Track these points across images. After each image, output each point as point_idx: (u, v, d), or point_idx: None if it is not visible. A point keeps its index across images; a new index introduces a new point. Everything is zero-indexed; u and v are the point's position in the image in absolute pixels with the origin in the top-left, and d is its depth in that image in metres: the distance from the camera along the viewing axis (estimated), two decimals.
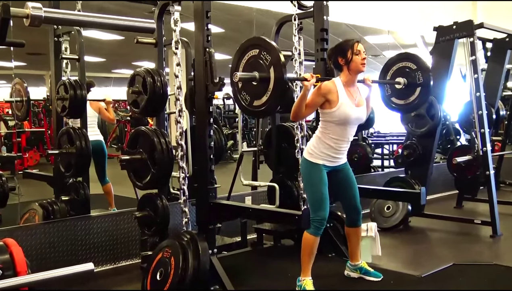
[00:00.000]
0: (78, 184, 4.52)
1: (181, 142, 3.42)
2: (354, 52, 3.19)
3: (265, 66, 2.96)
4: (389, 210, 5.20)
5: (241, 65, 3.11)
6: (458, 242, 4.85)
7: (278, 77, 2.91)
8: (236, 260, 4.01)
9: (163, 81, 3.55)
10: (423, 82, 3.99)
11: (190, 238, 3.16)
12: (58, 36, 4.63)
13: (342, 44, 3.27)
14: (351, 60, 3.19)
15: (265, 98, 2.99)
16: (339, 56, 3.23)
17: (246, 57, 3.09)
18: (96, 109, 5.54)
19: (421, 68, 4.01)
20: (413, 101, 4.07)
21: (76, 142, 4.28)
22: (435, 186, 6.39)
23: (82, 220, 4.04)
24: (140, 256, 3.87)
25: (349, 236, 3.45)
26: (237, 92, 3.13)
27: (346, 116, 3.17)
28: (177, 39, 3.43)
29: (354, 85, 3.29)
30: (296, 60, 4.15)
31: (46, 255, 3.78)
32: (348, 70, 3.21)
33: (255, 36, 3.20)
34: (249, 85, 3.07)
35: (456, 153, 5.77)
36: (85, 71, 4.62)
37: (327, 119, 3.20)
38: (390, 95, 4.19)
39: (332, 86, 3.17)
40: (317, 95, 3.15)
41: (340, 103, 3.14)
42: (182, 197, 3.42)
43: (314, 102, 3.16)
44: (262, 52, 2.98)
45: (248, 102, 3.09)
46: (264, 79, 2.96)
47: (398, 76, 4.11)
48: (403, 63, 4.11)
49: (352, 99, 3.22)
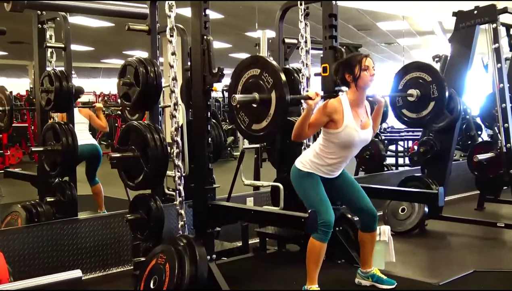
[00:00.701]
0: (64, 184, 4.53)
1: (177, 139, 3.42)
2: (362, 68, 3.20)
3: (266, 88, 2.95)
4: (404, 212, 5.20)
5: (240, 84, 3.10)
6: (479, 247, 4.85)
7: (280, 102, 2.90)
8: (236, 266, 4.02)
9: (157, 72, 3.55)
10: (437, 97, 3.97)
11: (186, 243, 3.17)
12: (42, 23, 4.63)
13: (350, 59, 3.29)
14: (359, 77, 3.20)
15: (265, 123, 2.99)
16: (346, 72, 3.24)
17: (246, 76, 3.07)
18: (86, 116, 5.58)
19: (437, 81, 3.99)
20: (426, 116, 4.06)
21: (62, 139, 4.28)
22: (454, 186, 6.38)
23: (68, 223, 4.05)
24: (132, 262, 3.89)
25: (363, 241, 3.45)
26: (234, 113, 3.12)
27: (350, 140, 3.21)
28: (172, 26, 3.43)
29: (362, 104, 3.31)
30: (303, 49, 4.15)
31: (29, 261, 3.79)
32: (356, 87, 3.23)
33: (255, 55, 3.21)
34: (248, 107, 3.07)
35: (477, 150, 5.75)
36: (71, 61, 4.63)
37: (329, 139, 3.23)
38: (401, 107, 4.19)
39: (338, 105, 3.19)
40: (322, 114, 3.16)
41: (345, 125, 3.17)
42: (178, 198, 3.42)
43: (319, 122, 3.17)
44: (264, 73, 2.97)
45: (247, 125, 3.10)
46: (264, 102, 2.96)
47: (411, 88, 4.10)
48: (417, 73, 4.09)
49: (358, 120, 3.24)
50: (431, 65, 4.06)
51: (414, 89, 4.05)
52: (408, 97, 4.06)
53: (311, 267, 3.20)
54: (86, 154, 5.30)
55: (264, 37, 4.46)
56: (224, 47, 15.34)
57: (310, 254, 3.19)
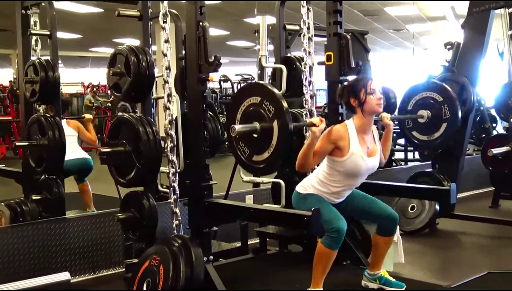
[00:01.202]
0: (51, 181, 4.53)
1: (171, 132, 3.42)
2: (368, 91, 3.24)
3: (268, 117, 2.95)
4: (413, 211, 5.21)
5: (240, 112, 3.10)
6: (493, 247, 4.86)
7: (282, 131, 2.90)
8: (235, 268, 4.03)
9: (149, 61, 3.55)
10: (450, 118, 3.97)
11: (181, 244, 3.17)
12: (25, 9, 4.62)
13: (354, 83, 3.33)
14: (365, 101, 3.23)
15: (267, 154, 3.00)
16: (351, 96, 3.28)
17: (246, 103, 3.07)
18: (75, 128, 5.57)
19: (449, 101, 3.99)
20: (438, 139, 4.05)
21: (48, 133, 4.28)
22: (467, 182, 6.38)
23: (56, 222, 4.05)
24: (123, 264, 3.89)
25: (378, 245, 3.47)
26: (234, 143, 3.12)
27: (356, 168, 3.24)
28: (165, 12, 3.42)
29: (369, 130, 3.34)
30: (305, 36, 4.14)
31: (14, 263, 3.79)
32: (362, 112, 3.26)
33: (255, 82, 3.21)
34: (248, 136, 3.07)
35: (492, 144, 5.76)
36: (58, 50, 4.62)
37: (334, 167, 3.25)
38: (411, 128, 4.19)
39: (344, 131, 3.22)
40: (327, 141, 3.19)
41: (351, 152, 3.20)
42: (172, 196, 3.43)
43: (323, 150, 3.19)
44: (265, 102, 2.97)
45: (247, 156, 3.11)
46: (266, 132, 2.96)
47: (422, 108, 4.09)
48: (427, 93, 4.09)
49: (365, 147, 3.27)
50: (443, 84, 4.03)
51: (425, 110, 4.03)
52: (419, 119, 4.05)
53: (317, 271, 3.21)
54: (75, 170, 5.32)
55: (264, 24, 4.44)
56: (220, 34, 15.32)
57: (318, 259, 3.19)
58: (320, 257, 3.18)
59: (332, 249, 3.15)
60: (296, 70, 4.36)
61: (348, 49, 4.01)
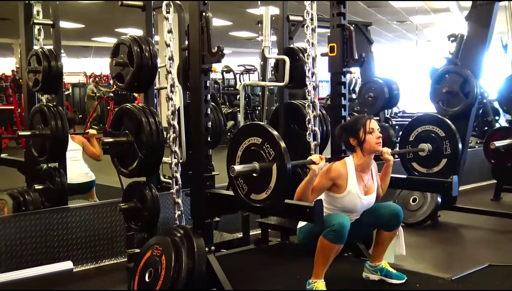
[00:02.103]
0: (53, 170, 4.54)
1: (173, 123, 3.42)
2: (366, 131, 3.27)
3: (267, 159, 2.95)
4: (415, 203, 5.22)
5: (240, 151, 3.09)
6: (495, 240, 4.87)
7: (281, 174, 2.90)
8: (237, 259, 4.04)
9: (152, 51, 3.55)
10: (450, 155, 3.97)
11: (183, 234, 3.18)
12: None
13: (352, 123, 3.36)
14: (364, 141, 3.26)
15: (264, 195, 2.99)
16: (350, 136, 3.31)
17: (247, 142, 3.07)
18: (79, 143, 5.54)
19: (450, 137, 3.98)
20: (436, 173, 4.06)
21: (51, 123, 4.29)
22: (469, 175, 6.39)
23: (58, 212, 4.07)
24: (126, 254, 3.91)
25: (383, 240, 3.46)
26: (233, 178, 3.12)
27: (352, 207, 3.29)
28: (169, 2, 3.42)
29: (369, 169, 3.37)
30: (308, 27, 4.13)
31: (17, 252, 3.81)
32: (362, 152, 3.29)
33: (257, 123, 3.21)
34: (248, 174, 3.07)
35: (495, 136, 5.76)
36: (60, 39, 4.62)
37: (330, 202, 3.30)
38: (411, 160, 4.18)
39: (343, 169, 3.26)
40: (325, 178, 3.22)
41: (348, 191, 3.24)
42: (175, 186, 3.43)
43: (322, 186, 3.23)
44: (265, 144, 2.97)
45: (245, 193, 3.09)
46: (265, 172, 2.96)
47: (423, 141, 4.09)
48: (429, 126, 4.08)
49: (362, 186, 3.30)
50: (445, 119, 4.03)
51: (426, 143, 4.05)
52: (419, 152, 4.07)
53: (319, 263, 3.21)
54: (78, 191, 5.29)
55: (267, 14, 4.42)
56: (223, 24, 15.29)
57: (319, 252, 3.19)
58: (321, 250, 3.18)
59: (334, 243, 3.14)
60: (299, 61, 4.35)
61: (351, 41, 4.00)
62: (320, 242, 3.18)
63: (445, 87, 5.21)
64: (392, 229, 3.44)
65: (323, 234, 3.15)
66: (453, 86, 5.11)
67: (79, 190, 5.34)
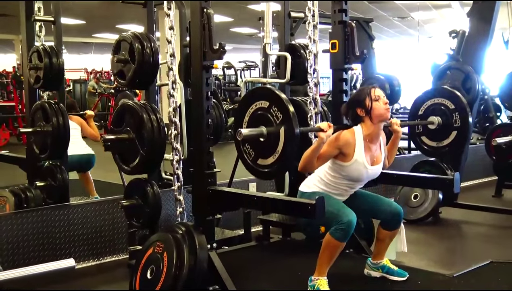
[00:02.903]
0: (55, 167, 4.54)
1: (175, 120, 3.41)
2: (373, 98, 3.23)
3: (275, 123, 2.94)
4: (416, 199, 5.21)
5: (247, 116, 3.08)
6: (496, 236, 4.87)
7: (289, 137, 2.89)
8: (238, 256, 4.04)
9: (154, 48, 3.54)
10: (460, 127, 3.94)
11: (185, 231, 3.18)
12: None
13: (357, 94, 3.33)
14: (372, 108, 3.22)
15: (272, 159, 2.98)
16: (357, 107, 3.27)
17: (254, 106, 3.06)
18: (78, 123, 5.58)
19: (460, 110, 3.96)
20: (446, 146, 4.03)
21: (52, 119, 4.28)
22: (470, 171, 6.38)
23: (60, 209, 4.07)
24: (127, 251, 3.91)
25: (383, 238, 3.46)
26: (240, 143, 3.11)
27: (357, 176, 3.26)
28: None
29: (377, 139, 3.32)
30: (310, 23, 4.12)
31: (18, 250, 3.81)
32: (371, 120, 3.25)
33: (265, 87, 3.18)
34: (255, 139, 3.06)
35: (496, 133, 5.75)
36: (61, 36, 4.61)
37: (336, 169, 3.26)
38: (421, 133, 4.16)
39: (351, 138, 3.21)
40: (333, 147, 3.18)
41: (354, 159, 3.20)
42: (176, 183, 3.43)
43: (328, 154, 3.19)
44: (273, 107, 2.95)
45: (252, 159, 3.09)
46: (272, 137, 2.95)
47: (433, 114, 4.06)
48: (439, 99, 4.06)
49: (370, 155, 3.26)
50: (455, 91, 4.00)
51: (436, 116, 4.01)
52: (429, 125, 4.02)
53: (323, 261, 3.21)
54: (77, 165, 5.30)
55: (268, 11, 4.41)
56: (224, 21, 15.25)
57: (325, 250, 3.19)
58: (328, 248, 3.18)
59: (341, 242, 3.15)
60: (300, 58, 4.34)
61: (353, 37, 3.99)
62: (326, 241, 3.17)
63: (447, 83, 5.19)
64: (392, 229, 3.43)
65: (331, 232, 3.14)
66: (455, 82, 5.10)
67: (79, 164, 5.33)
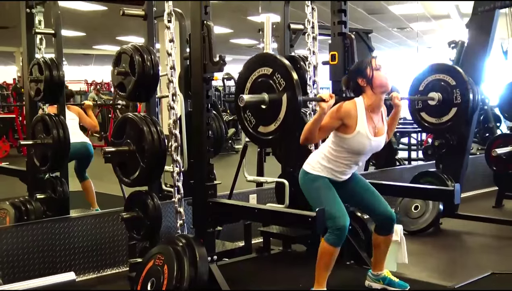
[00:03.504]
0: (55, 179, 4.54)
1: (175, 132, 3.42)
2: (374, 68, 3.22)
3: (277, 90, 2.94)
4: (417, 210, 5.21)
5: (250, 81, 3.08)
6: (497, 247, 4.85)
7: (291, 104, 2.89)
8: (239, 268, 4.03)
9: (154, 61, 3.55)
10: (460, 103, 3.93)
11: (185, 243, 3.18)
12: (30, 7, 4.62)
13: (358, 65, 3.32)
14: (373, 77, 3.21)
15: (273, 126, 2.97)
16: (358, 77, 3.25)
17: (256, 73, 3.06)
18: (76, 113, 5.61)
19: (461, 86, 3.96)
20: (446, 122, 4.03)
21: (53, 132, 4.28)
22: (471, 182, 6.38)
23: (60, 221, 4.06)
24: (128, 263, 3.90)
25: (379, 244, 3.46)
26: (241, 110, 3.11)
27: (360, 148, 3.23)
28: (170, 11, 3.43)
29: (379, 110, 3.30)
30: (309, 35, 4.14)
31: (19, 263, 3.80)
32: (372, 90, 3.22)
33: (268, 53, 3.17)
34: (256, 107, 3.06)
35: (496, 143, 5.75)
36: (62, 48, 4.62)
37: (338, 143, 3.24)
38: (420, 110, 4.16)
39: (353, 109, 3.18)
40: (335, 118, 3.16)
41: (357, 131, 3.18)
42: (176, 195, 3.43)
43: (330, 126, 3.18)
44: (276, 74, 2.96)
45: (253, 126, 3.09)
46: (274, 105, 2.95)
47: (433, 90, 4.05)
48: (440, 75, 4.05)
49: (372, 127, 3.24)
50: (456, 67, 4.00)
51: (436, 92, 4.00)
52: (429, 101, 4.02)
53: (320, 270, 3.21)
54: (74, 154, 5.29)
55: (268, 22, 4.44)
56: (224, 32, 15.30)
57: (321, 257, 3.20)
58: (323, 255, 3.18)
59: (335, 246, 3.15)
60: (300, 69, 4.35)
61: (352, 49, 4.00)
62: (321, 248, 3.18)
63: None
64: (385, 233, 3.42)
65: (326, 239, 3.15)
66: None
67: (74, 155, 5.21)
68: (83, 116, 5.67)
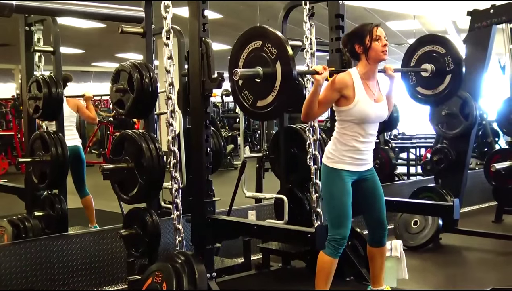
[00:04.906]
0: (53, 197, 4.54)
1: (174, 148, 3.43)
2: (373, 37, 3.20)
3: (270, 60, 2.95)
4: (416, 226, 5.20)
5: (241, 59, 3.10)
6: (497, 263, 4.84)
7: (285, 73, 2.90)
8: (238, 285, 4.02)
9: (153, 77, 3.57)
10: (453, 69, 3.96)
11: (184, 260, 3.17)
12: (29, 25, 4.65)
13: (359, 29, 3.28)
14: (370, 47, 3.19)
15: (271, 97, 2.97)
16: (356, 43, 3.24)
17: (247, 50, 3.07)
18: (74, 107, 5.54)
19: (451, 52, 3.98)
20: (443, 91, 4.03)
21: (51, 149, 4.29)
22: (470, 197, 6.37)
23: (58, 239, 4.05)
24: (126, 281, 3.88)
25: (372, 257, 3.45)
26: (237, 91, 3.12)
27: (365, 114, 3.18)
28: (169, 28, 3.45)
29: (374, 77, 3.29)
30: (307, 51, 4.16)
31: (17, 280, 3.78)
32: (367, 59, 3.22)
33: (256, 26, 3.18)
34: (251, 83, 3.06)
35: (495, 158, 5.75)
36: (61, 66, 4.64)
37: (343, 119, 3.21)
38: (416, 85, 4.17)
39: (348, 79, 3.17)
40: (331, 90, 3.15)
41: (357, 99, 3.15)
42: (175, 212, 3.43)
43: (328, 99, 3.16)
44: (266, 44, 2.97)
45: (251, 103, 3.08)
46: (269, 76, 2.95)
47: (424, 62, 4.08)
48: (429, 47, 4.08)
49: (371, 94, 3.22)
50: (444, 36, 4.02)
51: (428, 63, 4.03)
52: (422, 73, 4.03)
53: (320, 285, 3.20)
54: None
55: None
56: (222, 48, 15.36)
57: (320, 270, 3.18)
58: (322, 268, 3.17)
59: (334, 258, 3.15)
60: (298, 85, 4.36)
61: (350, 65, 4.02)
62: (319, 260, 3.17)
63: (445, 109, 5.22)
64: (376, 245, 3.41)
65: (324, 251, 3.14)
66: (453, 108, 5.12)
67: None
68: (82, 110, 5.60)
